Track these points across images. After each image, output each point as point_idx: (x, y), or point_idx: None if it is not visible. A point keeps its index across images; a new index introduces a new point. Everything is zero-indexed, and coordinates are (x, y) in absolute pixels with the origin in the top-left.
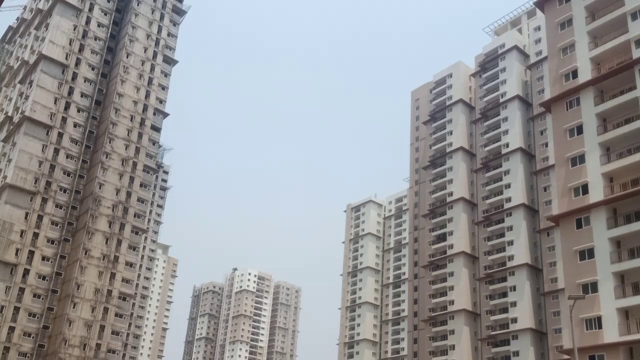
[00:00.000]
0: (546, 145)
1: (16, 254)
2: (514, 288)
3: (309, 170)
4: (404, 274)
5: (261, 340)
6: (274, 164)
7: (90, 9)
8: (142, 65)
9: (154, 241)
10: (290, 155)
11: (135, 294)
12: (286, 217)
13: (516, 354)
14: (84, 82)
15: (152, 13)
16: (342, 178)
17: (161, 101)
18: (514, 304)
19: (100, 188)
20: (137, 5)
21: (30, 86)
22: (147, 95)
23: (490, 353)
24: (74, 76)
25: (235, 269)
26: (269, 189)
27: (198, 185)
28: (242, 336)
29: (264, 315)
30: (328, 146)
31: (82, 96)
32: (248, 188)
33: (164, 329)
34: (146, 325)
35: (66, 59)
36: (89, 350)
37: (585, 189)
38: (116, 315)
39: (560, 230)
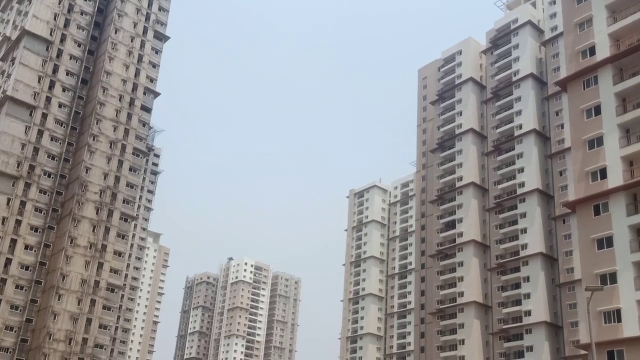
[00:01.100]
0: (562, 126)
1: None
2: (527, 279)
3: (310, 154)
4: (411, 263)
5: (258, 335)
6: (273, 147)
7: None
8: (132, 41)
9: (144, 229)
10: (291, 138)
11: (124, 285)
12: (285, 204)
13: (530, 349)
14: (70, 59)
15: None
16: (345, 162)
17: (152, 80)
18: (527, 296)
19: (86, 172)
20: None
21: (13, 64)
22: (137, 74)
23: (502, 348)
24: (59, 53)
25: (230, 259)
26: (267, 173)
27: (191, 169)
28: (238, 330)
29: (262, 308)
30: (331, 128)
31: (67, 74)
32: (245, 173)
33: (155, 323)
34: (136, 319)
35: (51, 34)
36: (74, 345)
37: (603, 173)
38: (104, 307)
39: (576, 217)
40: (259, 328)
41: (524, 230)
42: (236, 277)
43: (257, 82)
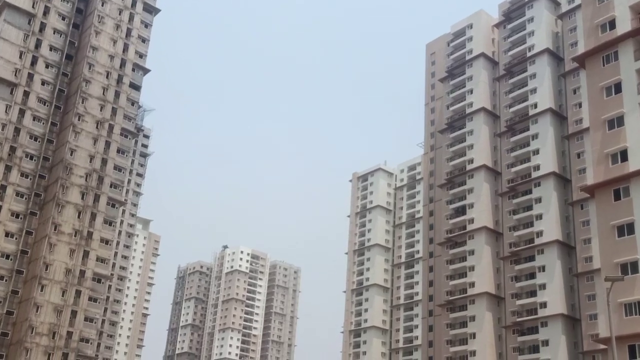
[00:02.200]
0: (580, 105)
1: None
2: (543, 268)
3: (310, 135)
4: (418, 252)
5: (255, 328)
6: (271, 128)
7: None
8: (120, 14)
9: (132, 215)
10: (290, 118)
11: (112, 275)
12: (284, 189)
13: (545, 343)
14: (54, 33)
15: None
16: (347, 143)
17: (141, 55)
18: (543, 287)
19: (71, 154)
20: None
21: None
22: (125, 49)
23: (516, 342)
24: (42, 27)
25: (225, 247)
26: (265, 156)
27: (184, 151)
28: (233, 323)
29: (259, 300)
30: (333, 107)
31: (51, 50)
32: (241, 155)
33: (145, 315)
34: (124, 311)
35: (33, 7)
36: (58, 339)
37: (624, 155)
38: (90, 299)
39: (595, 203)
40: (256, 321)
41: (539, 217)
42: (231, 267)
43: (254, 58)
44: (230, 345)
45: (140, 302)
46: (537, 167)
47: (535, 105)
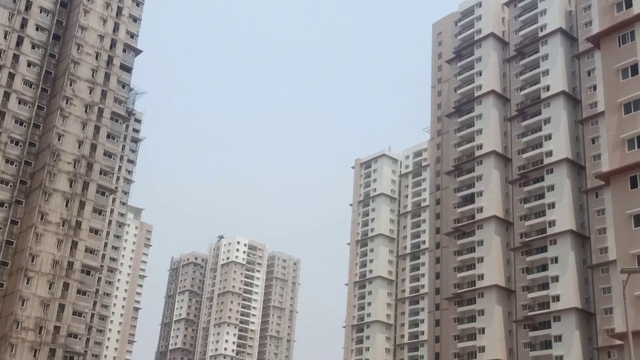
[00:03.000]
0: (594, 88)
1: None
2: (555, 260)
3: (311, 119)
4: (424, 242)
5: (252, 322)
6: (269, 112)
7: None
8: None
9: (123, 203)
10: (290, 101)
11: (102, 266)
12: (283, 175)
13: (558, 338)
14: (40, 12)
15: None
16: (350, 128)
17: (132, 36)
18: (555, 279)
19: (59, 140)
20: None
21: None
22: (116, 29)
23: (528, 337)
24: (28, 5)
25: (221, 237)
26: (263, 141)
27: (177, 136)
28: (229, 317)
29: (256, 293)
30: (334, 90)
31: (37, 30)
32: (238, 140)
33: (136, 309)
34: (114, 305)
35: None
36: (45, 334)
37: None
38: (78, 292)
39: (611, 191)
40: (253, 315)
41: (552, 205)
42: (227, 258)
43: (251, 39)
44: (226, 341)
45: (131, 296)
46: (549, 153)
47: (548, 88)
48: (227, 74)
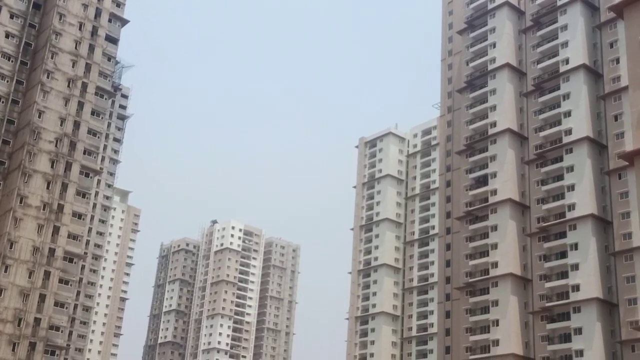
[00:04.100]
0: (617, 61)
1: None
2: (575, 246)
3: (312, 95)
4: (433, 228)
5: (248, 314)
6: (267, 87)
7: None
8: None
9: (109, 186)
10: (289, 76)
11: (85, 253)
12: (282, 156)
13: (578, 331)
14: None
15: None
16: (354, 104)
17: (119, 4)
18: (575, 267)
19: (39, 117)
20: None
21: None
22: None
23: (545, 330)
24: None
25: (214, 222)
26: (260, 119)
27: (167, 113)
28: (223, 308)
29: (252, 282)
30: (337, 64)
31: None
32: (233, 118)
33: (123, 300)
34: (99, 295)
35: None
36: (25, 327)
37: None
38: (60, 281)
39: (635, 172)
40: (249, 306)
41: (572, 187)
42: (221, 244)
43: (248, 8)
44: (220, 334)
45: (117, 285)
46: (568, 131)
47: (567, 61)
48: (221, 46)
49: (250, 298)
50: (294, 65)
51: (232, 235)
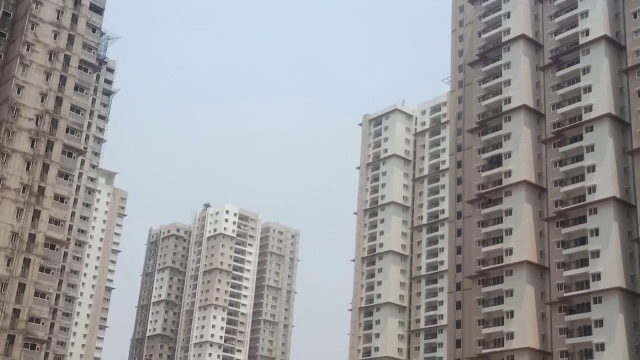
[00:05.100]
0: None
1: None
2: (596, 232)
3: (313, 70)
4: (443, 212)
5: (244, 305)
6: (264, 61)
7: None
8: None
9: (94, 167)
10: (289, 49)
11: (68, 240)
12: (280, 135)
13: (599, 323)
14: None
15: None
16: (357, 79)
17: None
18: (596, 255)
19: (19, 92)
20: None
21: None
22: None
23: (564, 322)
24: None
25: (207, 206)
26: (257, 95)
27: (157, 89)
28: (217, 299)
29: (248, 270)
30: (340, 36)
31: None
32: (228, 94)
33: (109, 289)
34: (84, 285)
35: None
36: (3, 319)
37: None
38: (42, 270)
39: None
40: (245, 297)
41: (592, 169)
42: (215, 230)
43: None
44: (214, 327)
45: (103, 274)
46: (589, 108)
47: (587, 33)
48: (216, 16)
49: (246, 288)
50: (294, 37)
51: (226, 220)
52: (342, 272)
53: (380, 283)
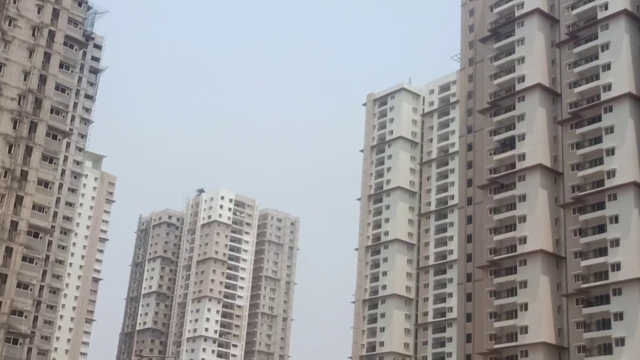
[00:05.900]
0: None
1: None
2: (615, 219)
3: (314, 47)
4: (452, 197)
5: (240, 297)
6: (262, 37)
7: None
8: None
9: (80, 149)
10: (289, 25)
11: (53, 227)
12: (278, 116)
13: (619, 316)
14: None
15: None
16: (361, 56)
17: None
18: (615, 243)
19: (0, 70)
20: None
21: None
22: None
23: (581, 315)
24: None
25: (201, 191)
26: (254, 74)
27: (147, 67)
28: (211, 290)
29: (244, 260)
30: (343, 10)
31: None
32: (224, 74)
33: (96, 280)
34: (69, 275)
35: None
36: None
37: None
38: (24, 259)
39: None
40: (241, 288)
41: (611, 151)
42: (209, 217)
43: None
44: (208, 319)
45: (89, 264)
46: (607, 87)
47: (606, 6)
48: None
49: (242, 278)
50: (293, 11)
51: (221, 207)
52: (345, 261)
53: (385, 273)
